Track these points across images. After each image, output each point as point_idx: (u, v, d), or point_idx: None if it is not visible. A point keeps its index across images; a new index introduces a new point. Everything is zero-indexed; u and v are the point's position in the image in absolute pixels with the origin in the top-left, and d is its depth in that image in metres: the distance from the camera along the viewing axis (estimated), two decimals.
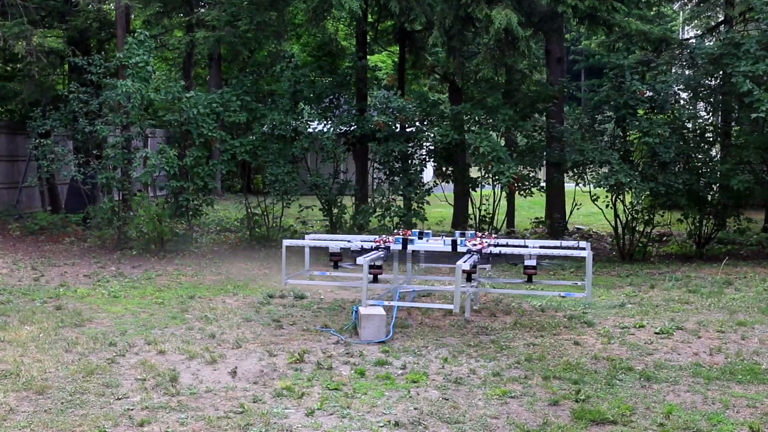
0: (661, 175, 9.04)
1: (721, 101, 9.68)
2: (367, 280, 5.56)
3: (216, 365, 4.91)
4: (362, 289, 5.65)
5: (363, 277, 5.56)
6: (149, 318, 6.26)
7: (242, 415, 4.01)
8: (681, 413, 4.08)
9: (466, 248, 5.74)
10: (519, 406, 4.20)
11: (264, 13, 10.91)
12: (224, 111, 9.93)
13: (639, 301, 7.00)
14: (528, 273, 5.65)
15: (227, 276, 8.30)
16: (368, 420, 3.97)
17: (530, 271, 5.63)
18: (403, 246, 5.85)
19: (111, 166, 10.00)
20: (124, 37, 10.58)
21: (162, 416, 4.00)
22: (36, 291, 7.33)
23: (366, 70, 11.02)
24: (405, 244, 5.83)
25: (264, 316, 6.33)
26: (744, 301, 6.95)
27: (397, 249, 5.90)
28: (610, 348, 5.40)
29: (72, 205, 12.28)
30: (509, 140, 10.52)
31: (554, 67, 11.19)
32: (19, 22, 10.61)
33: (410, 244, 5.85)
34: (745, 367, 4.92)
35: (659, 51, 10.52)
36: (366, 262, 5.52)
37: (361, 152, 10.95)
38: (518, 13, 8.63)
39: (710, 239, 9.86)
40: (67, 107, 10.46)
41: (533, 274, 5.66)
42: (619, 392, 4.42)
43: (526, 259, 5.63)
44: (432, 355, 5.19)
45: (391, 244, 5.88)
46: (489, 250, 5.74)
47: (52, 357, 5.00)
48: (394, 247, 5.87)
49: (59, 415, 3.99)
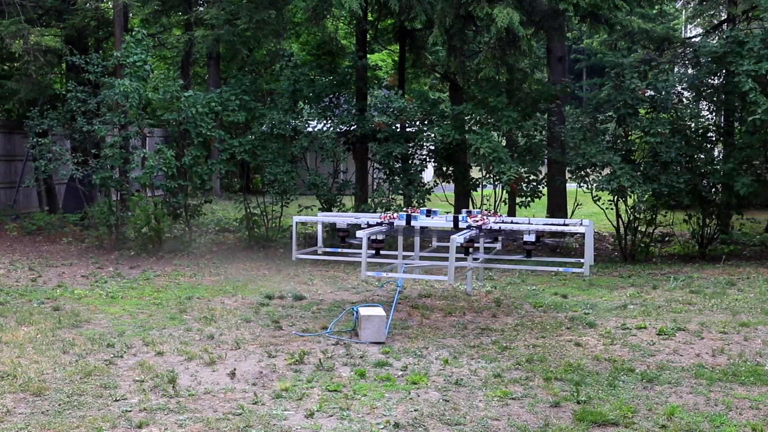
0: (663, 176, 9.00)
1: (723, 100, 9.62)
2: (366, 254, 5.61)
3: (215, 366, 4.88)
4: (362, 262, 5.66)
5: (363, 250, 5.58)
6: (147, 319, 6.23)
7: (241, 417, 3.99)
8: (683, 415, 4.06)
9: (467, 224, 5.78)
10: (520, 408, 4.18)
11: (263, 11, 10.86)
12: (223, 110, 9.88)
13: (641, 302, 6.96)
14: (527, 249, 5.70)
15: (226, 277, 8.27)
16: (368, 421, 3.95)
17: (529, 247, 5.68)
18: (407, 222, 5.90)
19: (109, 165, 9.96)
20: (121, 36, 10.54)
21: (160, 418, 3.98)
22: (33, 292, 7.31)
23: (366, 69, 10.97)
24: (409, 220, 5.89)
25: (263, 317, 6.30)
26: (747, 302, 6.91)
27: (401, 225, 5.94)
28: (612, 349, 5.38)
29: (70, 205, 12.24)
30: (510, 140, 10.46)
31: (555, 66, 11.14)
32: (16, 21, 10.57)
33: (413, 220, 5.94)
34: (748, 368, 4.89)
35: (662, 50, 10.46)
36: (365, 234, 5.57)
37: (361, 152, 10.91)
38: (519, 12, 8.57)
39: (713, 239, 9.80)
40: (64, 106, 10.41)
41: (532, 249, 5.72)
42: (620, 394, 4.39)
43: (525, 235, 5.69)
44: (432, 356, 5.16)
45: (395, 221, 5.93)
46: (489, 225, 5.79)
47: (49, 358, 4.97)
48: (398, 223, 5.94)
49: (57, 417, 3.97)
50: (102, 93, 10.11)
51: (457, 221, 5.81)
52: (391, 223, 5.94)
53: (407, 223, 5.93)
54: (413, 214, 6.04)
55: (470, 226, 5.77)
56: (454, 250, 5.42)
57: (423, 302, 6.94)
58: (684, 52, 10.44)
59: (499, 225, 5.85)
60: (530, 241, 5.62)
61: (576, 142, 9.37)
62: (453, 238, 5.43)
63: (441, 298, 7.17)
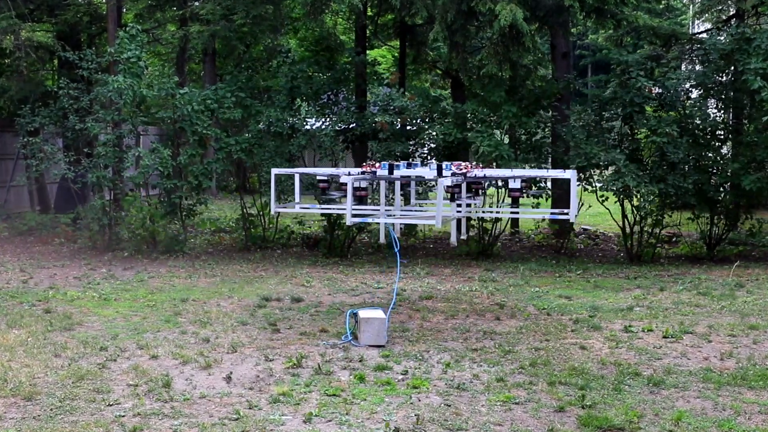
0: (670, 176, 8.90)
1: (732, 98, 9.51)
2: (351, 201, 5.58)
3: (210, 370, 4.83)
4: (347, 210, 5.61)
5: (347, 197, 5.55)
6: (141, 321, 6.16)
7: (237, 422, 3.96)
8: (691, 420, 4.02)
9: (450, 171, 5.80)
10: (523, 413, 4.14)
11: (260, 6, 10.72)
12: (219, 108, 9.76)
13: (647, 304, 6.89)
14: (513, 196, 5.73)
15: (222, 278, 8.17)
16: (367, 427, 3.91)
17: (515, 194, 5.70)
18: (389, 171, 5.92)
19: (102, 164, 9.82)
20: (115, 32, 10.42)
21: (155, 423, 3.94)
22: (24, 293, 7.22)
23: (365, 65, 10.87)
24: (391, 169, 5.91)
25: (260, 320, 6.22)
26: (756, 304, 6.83)
27: (383, 174, 5.96)
28: (618, 352, 5.32)
29: (62, 205, 12.09)
30: (514, 138, 10.33)
31: (560, 62, 11.05)
32: (7, 16, 10.42)
33: (396, 169, 5.98)
34: (757, 372, 4.85)
35: (668, 46, 10.35)
36: (350, 180, 5.55)
37: (361, 150, 10.79)
38: (523, 7, 8.46)
39: (721, 240, 9.68)
40: (56, 104, 10.29)
41: (518, 197, 5.73)
42: (626, 398, 4.36)
43: (511, 181, 5.70)
44: (434, 359, 5.10)
45: (377, 170, 5.95)
46: (474, 173, 5.81)
47: (41, 362, 4.92)
48: (380, 173, 5.94)
49: (48, 422, 3.94)
50: (95, 90, 9.99)
51: (441, 169, 5.84)
52: (374, 172, 5.92)
53: (390, 172, 5.91)
54: (396, 164, 6.07)
55: (454, 173, 5.76)
56: (441, 192, 5.40)
57: (424, 304, 6.86)
58: (691, 49, 10.32)
59: (483, 173, 5.90)
60: (516, 188, 5.64)
61: (580, 139, 9.25)
62: (440, 180, 5.43)
63: (442, 300, 7.08)
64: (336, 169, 6.61)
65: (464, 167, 5.77)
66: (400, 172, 5.92)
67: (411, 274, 8.38)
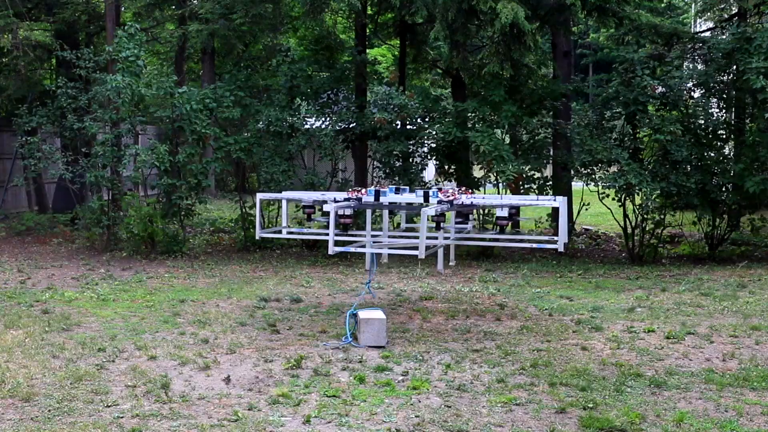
0: (672, 175, 8.88)
1: (734, 97, 9.49)
2: (334, 228, 5.50)
3: (209, 371, 4.81)
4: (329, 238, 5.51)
5: (330, 224, 5.48)
6: (140, 322, 6.13)
7: (236, 423, 3.94)
8: (693, 421, 4.01)
9: (437, 199, 5.73)
10: (524, 414, 4.12)
11: (259, 5, 10.69)
12: (218, 107, 9.72)
13: (649, 305, 6.87)
14: (500, 224, 5.70)
15: (221, 279, 8.15)
16: (367, 428, 3.90)
17: (502, 222, 5.68)
18: (375, 197, 5.84)
19: (100, 164, 9.79)
20: (113, 30, 10.37)
21: (153, 424, 3.92)
22: (22, 294, 7.20)
23: (365, 64, 10.84)
24: (377, 196, 5.84)
25: (259, 320, 6.19)
26: (758, 305, 6.82)
27: (369, 200, 5.88)
28: (619, 353, 5.30)
29: (60, 205, 12.06)
30: (514, 138, 10.29)
31: (561, 61, 11.02)
32: (5, 15, 10.39)
33: (383, 195, 5.89)
34: (760, 373, 4.83)
35: (670, 45, 10.32)
36: (333, 209, 5.47)
37: (361, 150, 10.76)
38: (524, 6, 8.43)
39: (723, 240, 9.66)
40: (54, 103, 10.25)
41: (505, 225, 5.71)
42: (628, 399, 4.35)
43: (498, 210, 5.68)
44: (434, 360, 5.08)
45: (363, 196, 5.88)
46: (461, 200, 5.74)
47: (38, 363, 4.90)
48: (366, 199, 5.87)
49: (46, 423, 3.93)
50: (93, 89, 9.96)
51: (428, 196, 5.76)
52: (359, 198, 5.85)
53: (376, 199, 5.84)
54: (382, 190, 5.98)
55: (441, 201, 5.70)
56: (425, 222, 5.34)
57: (424, 305, 6.83)
58: (693, 48, 10.30)
59: (470, 200, 5.81)
60: (503, 216, 5.61)
61: (582, 138, 9.21)
62: (424, 210, 5.37)
63: (443, 301, 7.06)
64: (322, 193, 6.55)
65: (451, 194, 5.71)
66: (386, 198, 5.85)
67: (411, 275, 8.36)
